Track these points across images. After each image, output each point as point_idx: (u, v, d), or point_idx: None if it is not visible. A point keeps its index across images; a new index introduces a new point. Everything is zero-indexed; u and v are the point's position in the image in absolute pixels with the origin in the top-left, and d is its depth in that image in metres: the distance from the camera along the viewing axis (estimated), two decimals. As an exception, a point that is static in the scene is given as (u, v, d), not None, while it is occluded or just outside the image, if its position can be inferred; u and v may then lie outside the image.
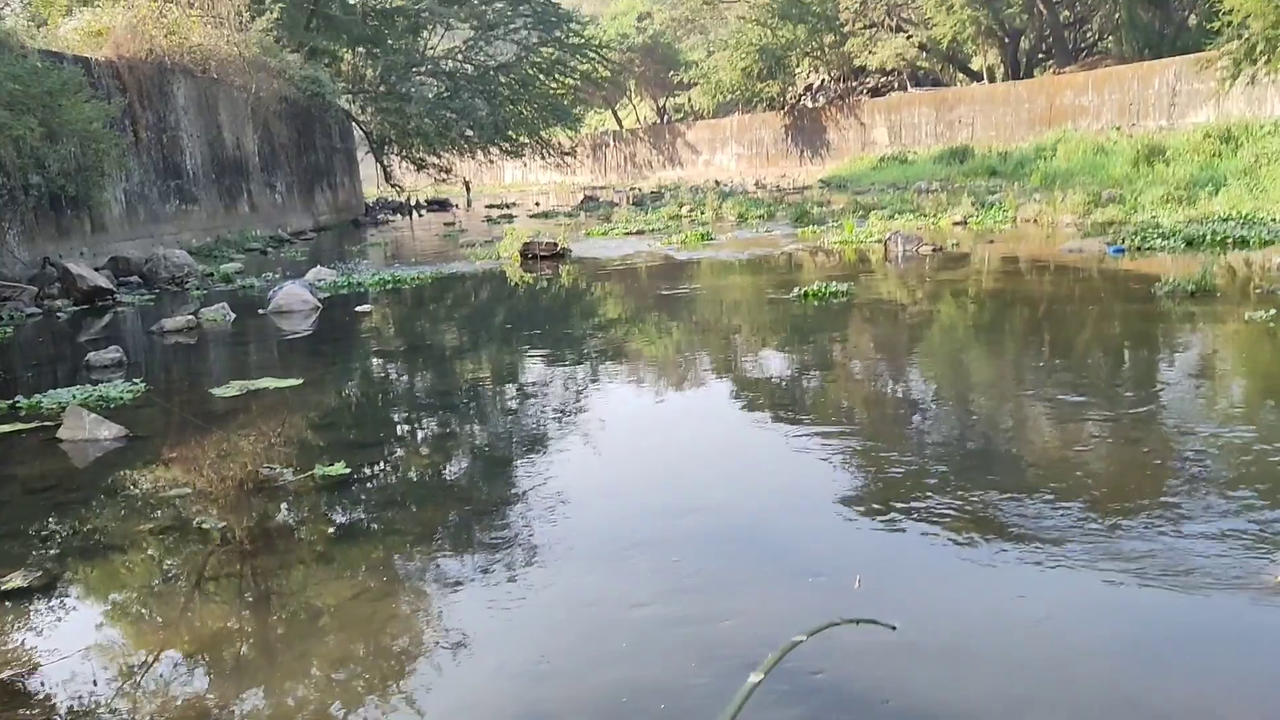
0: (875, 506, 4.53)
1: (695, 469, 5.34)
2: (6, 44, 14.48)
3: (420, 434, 6.61)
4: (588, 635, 3.48)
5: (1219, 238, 12.52)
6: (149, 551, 4.53)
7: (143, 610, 3.98)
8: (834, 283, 10.64)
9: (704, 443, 5.87)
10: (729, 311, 10.45)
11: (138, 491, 5.41)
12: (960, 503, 4.46)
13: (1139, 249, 12.43)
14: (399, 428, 6.81)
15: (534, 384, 7.67)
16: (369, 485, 5.41)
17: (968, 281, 11.34)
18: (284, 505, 4.96)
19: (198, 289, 14.61)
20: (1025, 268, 12.12)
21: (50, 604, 3.98)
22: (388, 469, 5.76)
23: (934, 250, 13.75)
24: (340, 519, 4.84)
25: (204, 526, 4.69)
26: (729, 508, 4.68)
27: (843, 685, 2.99)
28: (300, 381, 7.95)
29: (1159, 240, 12.65)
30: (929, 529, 4.17)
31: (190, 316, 11.17)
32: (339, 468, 5.47)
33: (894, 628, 2.50)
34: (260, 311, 11.83)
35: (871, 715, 2.85)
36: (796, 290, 10.55)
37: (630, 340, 9.23)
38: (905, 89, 39.80)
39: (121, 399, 7.46)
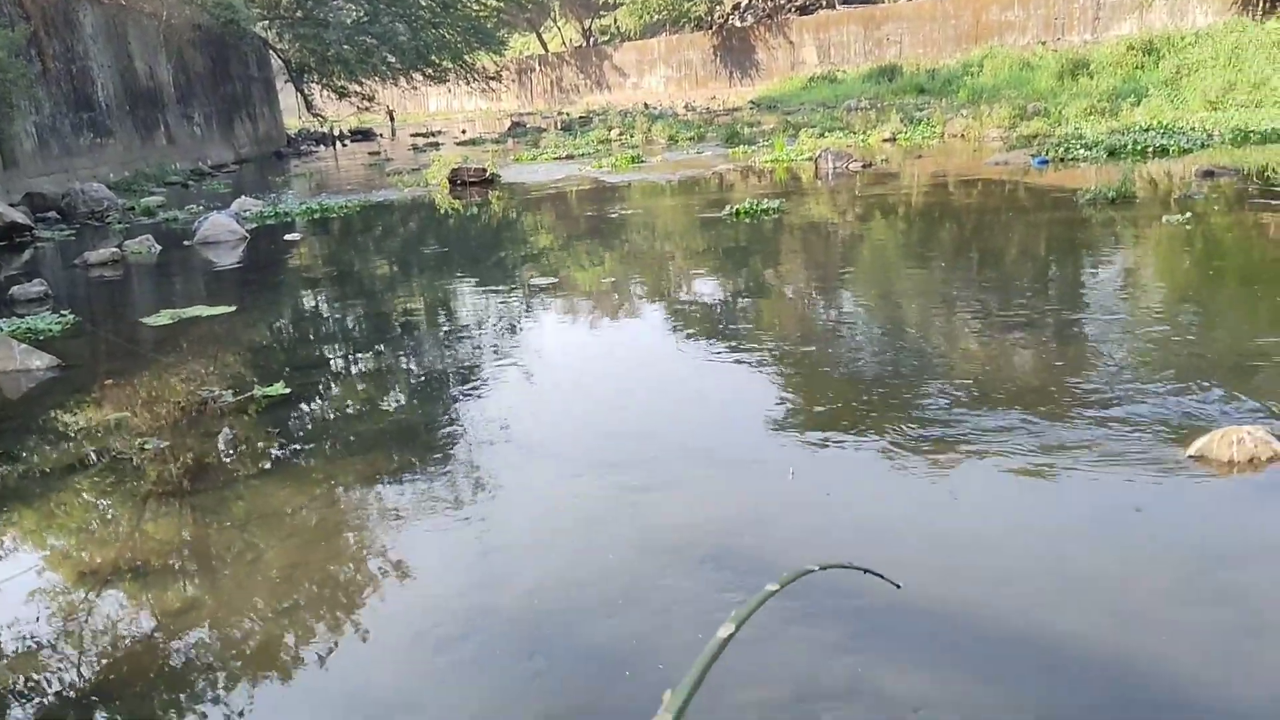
0: (811, 414, 4.68)
1: (631, 389, 5.43)
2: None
3: (358, 357, 6.60)
4: (530, 535, 3.58)
5: (1140, 147, 12.83)
6: (90, 474, 4.52)
7: (86, 530, 3.98)
8: (765, 201, 10.73)
9: (640, 365, 5.93)
10: (662, 233, 10.48)
11: (76, 418, 5.35)
12: (892, 410, 4.62)
13: (1063, 160, 12.69)
14: (336, 351, 6.79)
15: (468, 309, 7.66)
16: (310, 404, 5.42)
17: (897, 197, 11.51)
18: (226, 425, 4.95)
19: (119, 223, 14.20)
20: (952, 182, 12.31)
21: (-5, 526, 3.97)
22: (328, 389, 5.77)
23: (864, 166, 13.89)
24: (283, 435, 4.86)
25: (145, 447, 4.67)
26: (667, 423, 4.80)
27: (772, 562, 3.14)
28: (233, 309, 7.85)
29: (1082, 151, 12.91)
30: (861, 433, 4.32)
31: (114, 249, 10.89)
32: (279, 388, 5.47)
33: (898, 586, 2.02)
34: (186, 243, 11.57)
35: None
36: (729, 209, 10.62)
37: (562, 264, 9.23)
38: (834, 7, 39.61)
39: (51, 330, 7.32)
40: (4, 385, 6.09)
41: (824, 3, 40.53)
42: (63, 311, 7.91)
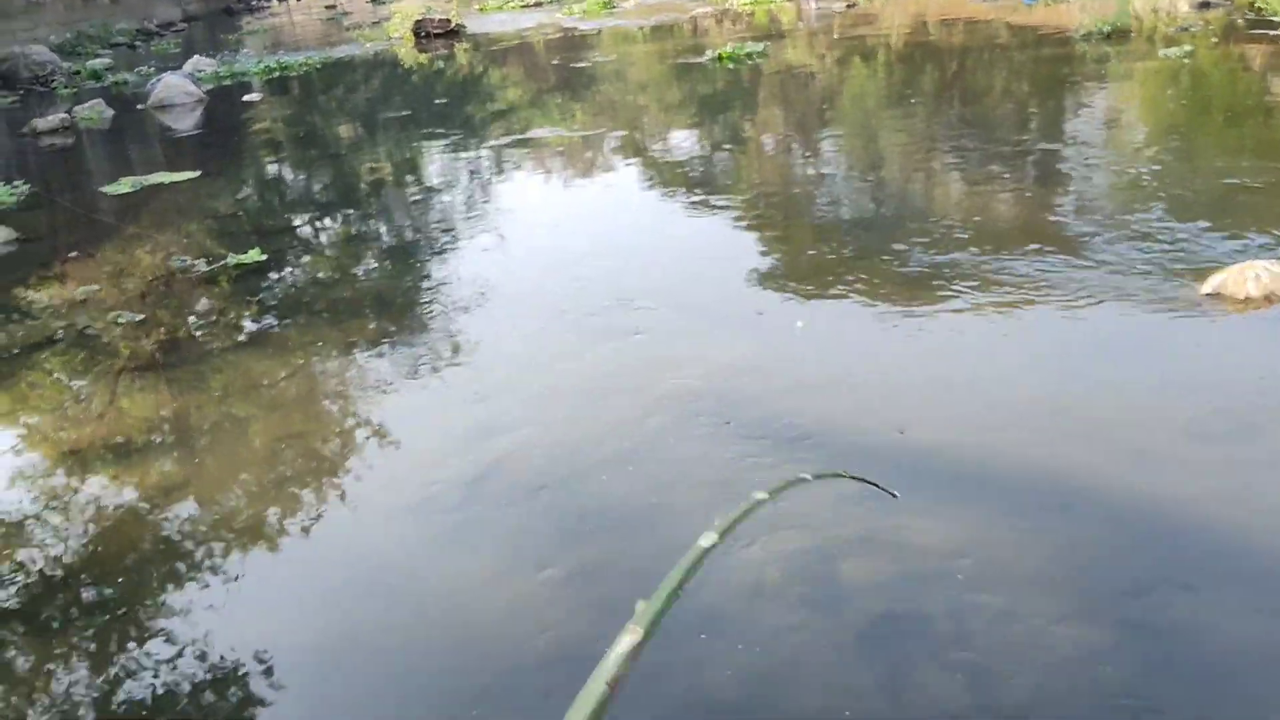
0: (793, 268, 4.52)
1: (615, 245, 5.23)
2: None
3: (331, 221, 6.33)
4: (528, 391, 3.45)
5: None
6: (60, 351, 4.32)
7: (58, 408, 3.82)
8: (748, 45, 10.30)
9: (622, 221, 5.68)
10: (639, 82, 10.08)
11: (40, 294, 5.11)
12: (885, 256, 4.44)
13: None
14: (309, 216, 6.52)
15: (438, 169, 7.36)
16: (288, 270, 5.20)
17: (881, 37, 11.08)
18: (201, 294, 4.74)
19: (66, 88, 13.51)
20: (938, 21, 11.86)
21: (-32, 407, 3.80)
22: (305, 254, 5.55)
23: (847, 6, 13.35)
24: (263, 302, 4.66)
25: (119, 321, 4.47)
26: (655, 276, 4.61)
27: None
28: (197, 175, 7.49)
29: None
30: (845, 284, 4.15)
31: (64, 115, 10.36)
32: (254, 255, 5.22)
33: (894, 495, 2.01)
34: (140, 107, 11.02)
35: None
36: (709, 54, 10.20)
37: (534, 119, 8.85)
38: None
39: (4, 202, 6.97)
40: (-39, 261, 5.81)
41: None
42: (15, 183, 7.53)
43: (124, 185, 7.25)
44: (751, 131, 7.24)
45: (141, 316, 4.51)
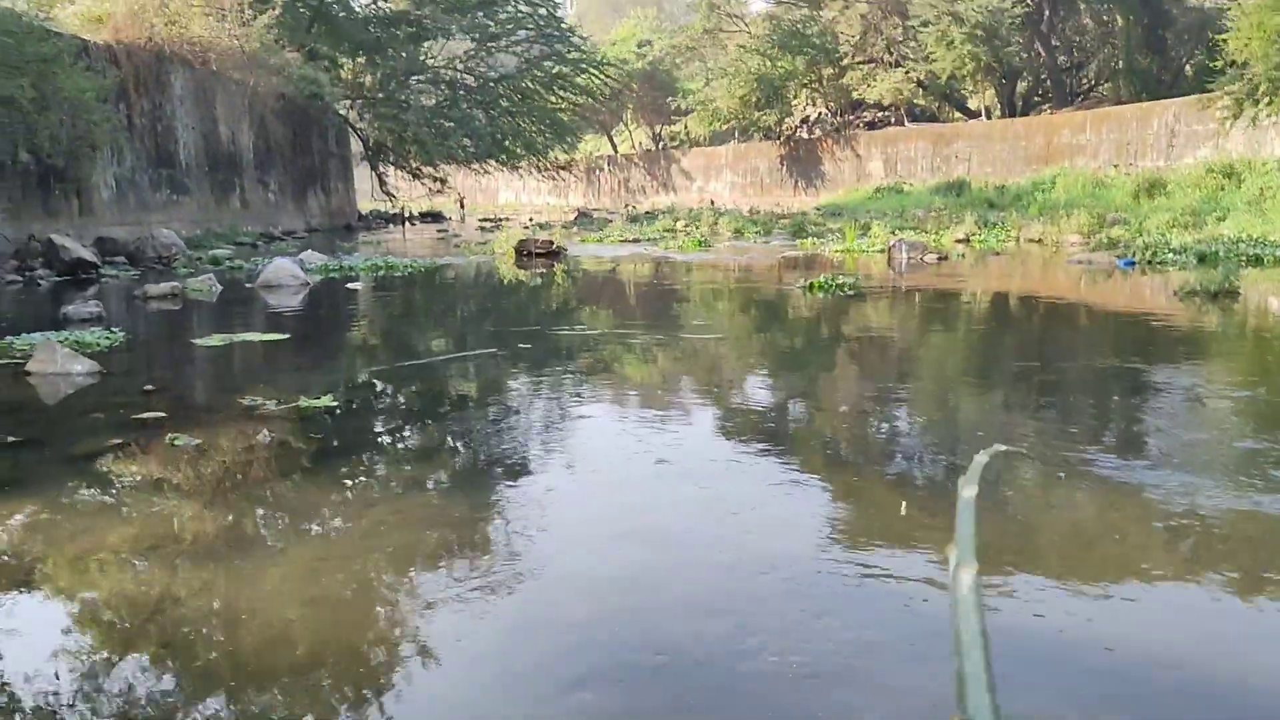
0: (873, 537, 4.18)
1: (673, 490, 4.94)
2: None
3: (404, 388, 6.24)
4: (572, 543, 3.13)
5: (1232, 255, 12.31)
6: (109, 462, 4.16)
7: (105, 507, 3.60)
8: (840, 278, 10.37)
9: (686, 467, 5.21)
10: (729, 305, 10.12)
11: (107, 417, 5.03)
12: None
13: (1150, 263, 12.20)
14: (385, 380, 6.44)
15: (517, 372, 7.30)
16: (356, 418, 5.05)
17: (979, 288, 11.07)
18: (267, 430, 4.58)
19: (185, 268, 14.21)
20: (1036, 277, 11.87)
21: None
22: (375, 408, 5.40)
23: (939, 259, 13.52)
24: (322, 440, 4.48)
25: (176, 443, 4.31)
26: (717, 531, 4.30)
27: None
28: (286, 337, 7.58)
29: (1170, 255, 12.43)
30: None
31: (174, 284, 10.79)
32: (325, 400, 5.11)
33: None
34: (248, 285, 11.46)
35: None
36: (801, 282, 10.27)
37: (627, 331, 8.88)
38: (902, 124, 39.92)
39: (97, 344, 7.07)
40: (43, 386, 5.80)
41: (893, 119, 40.88)
42: (113, 329, 7.70)
43: (215, 340, 7.35)
44: (828, 376, 6.62)
45: (199, 441, 4.35)
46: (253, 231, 22.69)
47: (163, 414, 4.91)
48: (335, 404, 5.10)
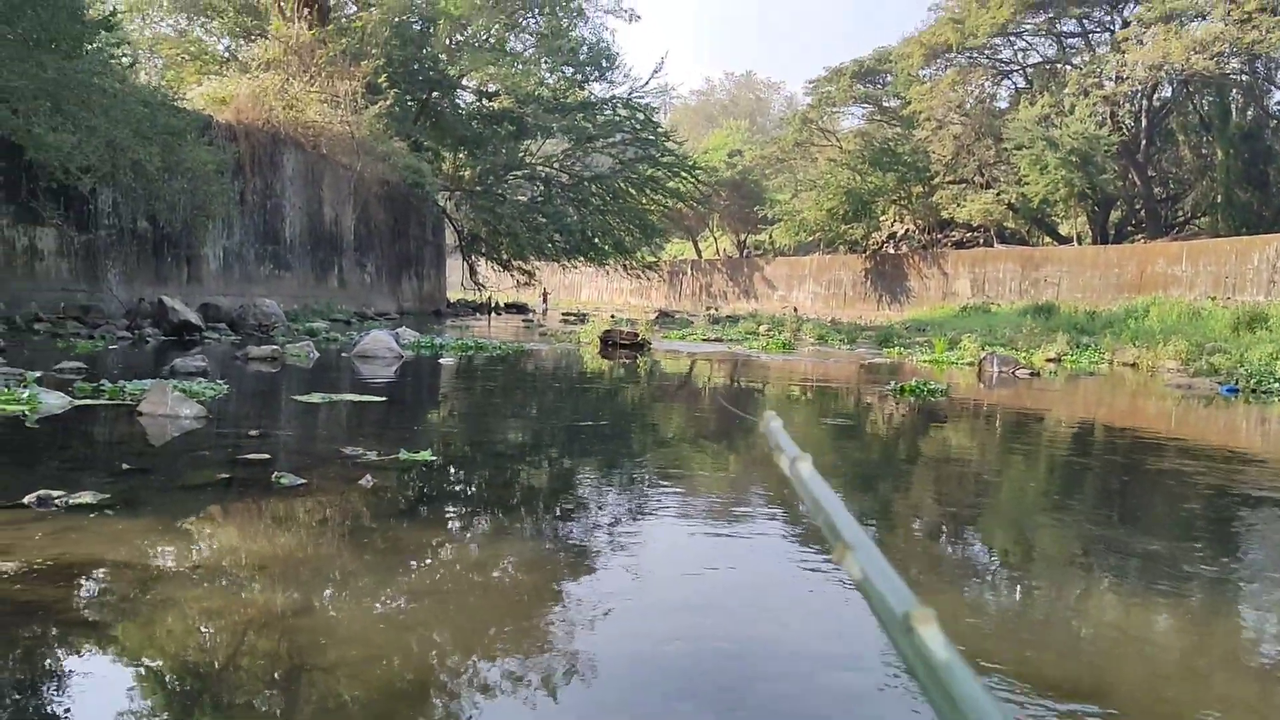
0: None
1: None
2: (136, 86, 15.13)
3: (498, 449, 6.30)
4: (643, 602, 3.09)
5: (1345, 388, 11.87)
6: (218, 492, 4.26)
7: (197, 534, 3.68)
8: (931, 383, 10.25)
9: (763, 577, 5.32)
10: (814, 405, 10.05)
11: (214, 455, 5.16)
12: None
13: (1254, 392, 11.83)
14: (481, 441, 6.52)
15: (593, 456, 7.34)
16: (454, 472, 5.11)
17: (1073, 405, 10.85)
18: (369, 475, 4.65)
19: (283, 336, 14.65)
20: (1133, 399, 11.59)
21: (113, 519, 3.70)
22: (473, 464, 5.45)
23: (1031, 375, 13.30)
24: (423, 491, 4.54)
25: (282, 481, 4.40)
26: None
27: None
28: (383, 399, 7.74)
29: (1277, 385, 12.04)
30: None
31: (275, 348, 11.13)
32: (425, 455, 5.18)
33: None
34: (344, 354, 11.76)
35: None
36: (892, 384, 10.18)
37: (709, 424, 8.88)
38: (991, 244, 39.82)
39: (203, 394, 7.30)
40: (153, 426, 5.99)
41: (981, 240, 40.82)
42: (217, 382, 7.95)
43: (315, 397, 7.54)
44: (917, 484, 6.32)
45: (303, 481, 4.44)
46: (347, 310, 23.36)
47: (267, 456, 5.03)
48: (433, 458, 5.17)
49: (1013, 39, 38.00)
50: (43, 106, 11.82)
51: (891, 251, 43.54)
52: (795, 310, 37.87)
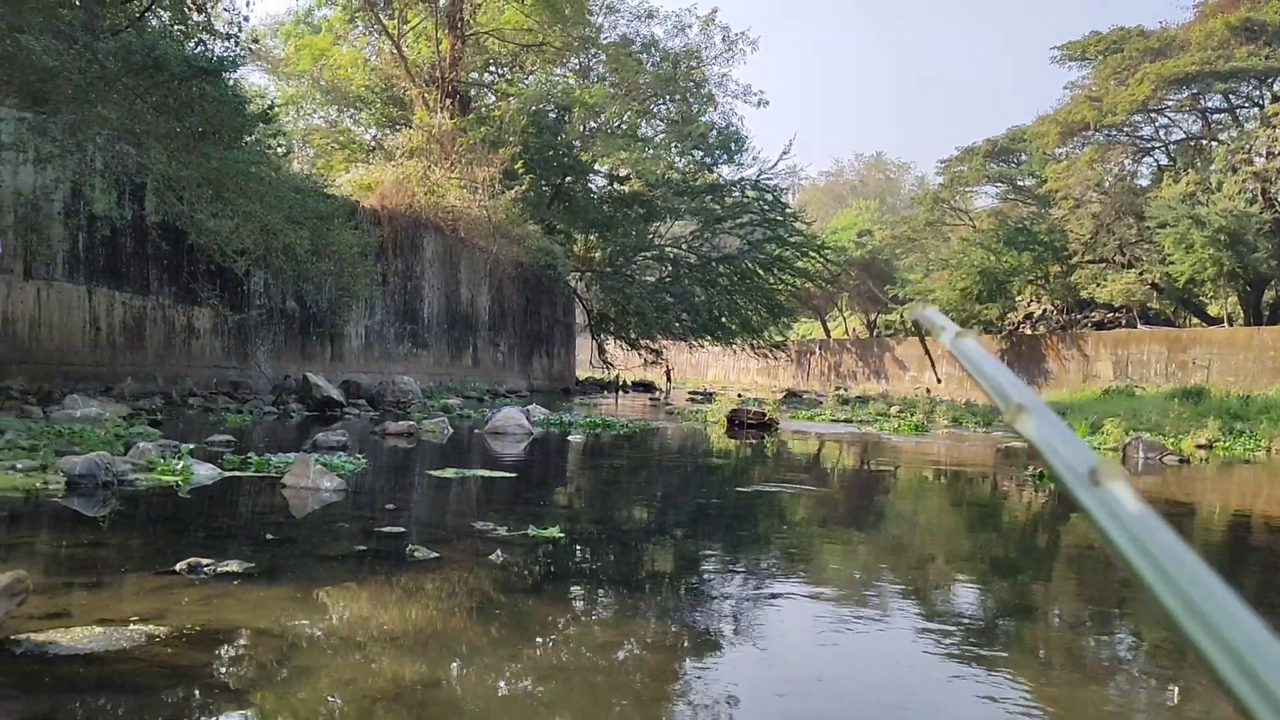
0: None
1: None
2: (289, 174, 16.09)
3: (628, 526, 6.31)
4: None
5: None
6: (356, 563, 4.38)
7: (336, 604, 3.77)
8: (1072, 468, 9.82)
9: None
10: (949, 491, 9.76)
11: (352, 526, 5.33)
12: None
13: None
14: (608, 516, 6.54)
15: (723, 537, 7.26)
16: (579, 550, 5.13)
17: (1228, 494, 10.23)
18: (500, 550, 4.72)
19: (419, 413, 15.10)
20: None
21: (257, 586, 3.84)
22: (597, 545, 5.47)
23: (1180, 461, 12.62)
24: (551, 567, 4.57)
25: (416, 554, 4.50)
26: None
27: None
28: (513, 475, 7.86)
29: None
30: None
31: (411, 424, 11.48)
32: (553, 531, 5.23)
33: None
34: (476, 431, 12.03)
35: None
36: (1029, 470, 9.81)
37: (838, 508, 8.71)
38: (1134, 325, 38.28)
39: (343, 467, 7.55)
40: (295, 498, 6.23)
41: (1124, 320, 39.29)
42: (357, 456, 8.23)
43: (448, 472, 7.72)
44: (1058, 581, 5.93)
45: (436, 555, 4.53)
46: (480, 387, 23.96)
47: (402, 529, 5.16)
48: (561, 535, 5.21)
49: (1154, 115, 36.93)
50: (205, 194, 12.67)
51: (1028, 332, 42.32)
52: (928, 391, 37.03)
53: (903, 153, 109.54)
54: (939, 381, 43.45)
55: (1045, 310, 42.87)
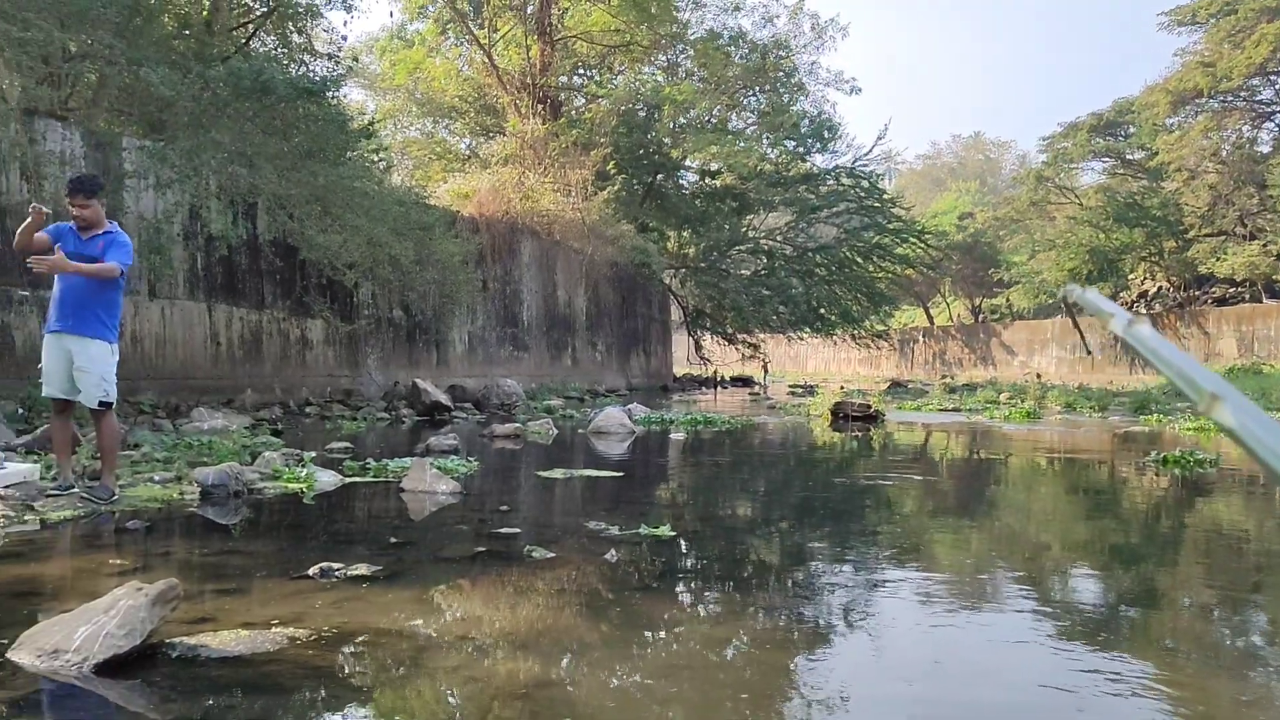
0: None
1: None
2: (391, 187, 16.53)
3: (734, 519, 6.33)
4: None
5: None
6: (476, 564, 4.50)
7: (461, 604, 3.89)
8: (1198, 453, 9.47)
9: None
10: (1066, 477, 9.50)
11: (470, 529, 5.47)
12: None
13: None
14: (716, 512, 6.57)
15: (842, 516, 7.21)
16: (692, 547, 5.17)
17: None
18: (613, 550, 4.79)
19: (523, 414, 15.36)
20: None
21: (385, 589, 3.98)
22: (707, 541, 5.50)
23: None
24: (665, 565, 4.62)
25: (533, 554, 4.61)
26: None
27: None
28: (619, 475, 7.95)
29: None
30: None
31: (517, 426, 11.69)
32: (664, 530, 5.29)
33: None
34: (580, 432, 12.18)
35: None
36: (1154, 454, 9.49)
37: (949, 498, 8.56)
38: (1259, 300, 36.57)
39: (457, 470, 7.75)
40: (413, 502, 6.42)
41: (1247, 295, 37.57)
42: (468, 459, 8.43)
43: (556, 473, 7.85)
44: (1172, 578, 5.15)
45: (552, 554, 4.63)
46: (580, 387, 24.20)
47: (517, 530, 5.28)
48: (673, 533, 5.26)
49: (1273, 78, 35.21)
50: (314, 210, 13.11)
51: (1143, 312, 40.77)
52: (1038, 376, 36.02)
53: (1002, 131, 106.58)
54: (1089, 355, 41.89)
55: (1160, 288, 41.29)
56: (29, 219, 5.54)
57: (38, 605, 3.59)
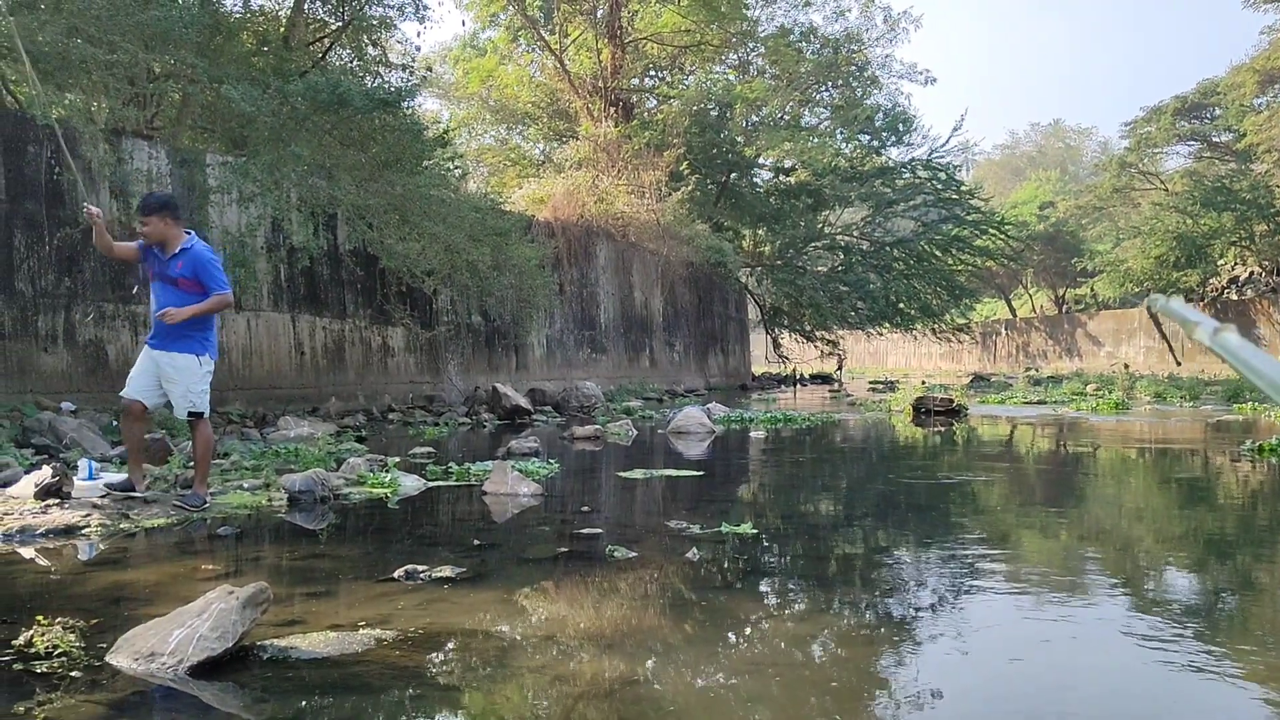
0: None
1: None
2: (468, 194, 16.73)
3: (816, 517, 6.25)
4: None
5: None
6: (559, 565, 4.52)
7: (545, 605, 3.90)
8: (1299, 442, 9.10)
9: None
10: (1158, 468, 9.18)
11: (552, 530, 5.50)
12: None
13: None
14: (797, 510, 6.50)
15: (925, 514, 7.07)
16: (773, 545, 5.12)
17: None
18: (695, 549, 4.77)
19: (603, 416, 15.41)
20: None
21: (469, 590, 4.02)
22: (789, 539, 5.44)
23: None
24: (748, 563, 4.59)
25: (615, 554, 4.61)
26: None
27: None
28: (699, 474, 7.93)
29: None
30: None
31: (597, 428, 11.73)
32: (746, 528, 5.25)
33: None
34: (659, 432, 12.18)
35: None
36: (1249, 443, 9.14)
37: (1035, 493, 8.34)
38: (1361, 282, 35.01)
39: (538, 472, 7.80)
40: (495, 504, 6.47)
41: (1348, 277, 36.00)
42: (549, 461, 8.48)
43: (636, 473, 7.86)
44: (1272, 572, 4.91)
45: (634, 554, 4.62)
46: (658, 388, 24.22)
47: (599, 530, 5.29)
48: (755, 532, 5.22)
49: (1368, 51, 33.72)
50: (392, 219, 13.32)
51: (1234, 298, 39.39)
52: (1126, 367, 35.01)
53: (1082, 118, 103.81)
54: (1178, 364, 40.73)
55: (1252, 273, 39.76)
56: (94, 226, 5.73)
57: (134, 610, 3.69)
